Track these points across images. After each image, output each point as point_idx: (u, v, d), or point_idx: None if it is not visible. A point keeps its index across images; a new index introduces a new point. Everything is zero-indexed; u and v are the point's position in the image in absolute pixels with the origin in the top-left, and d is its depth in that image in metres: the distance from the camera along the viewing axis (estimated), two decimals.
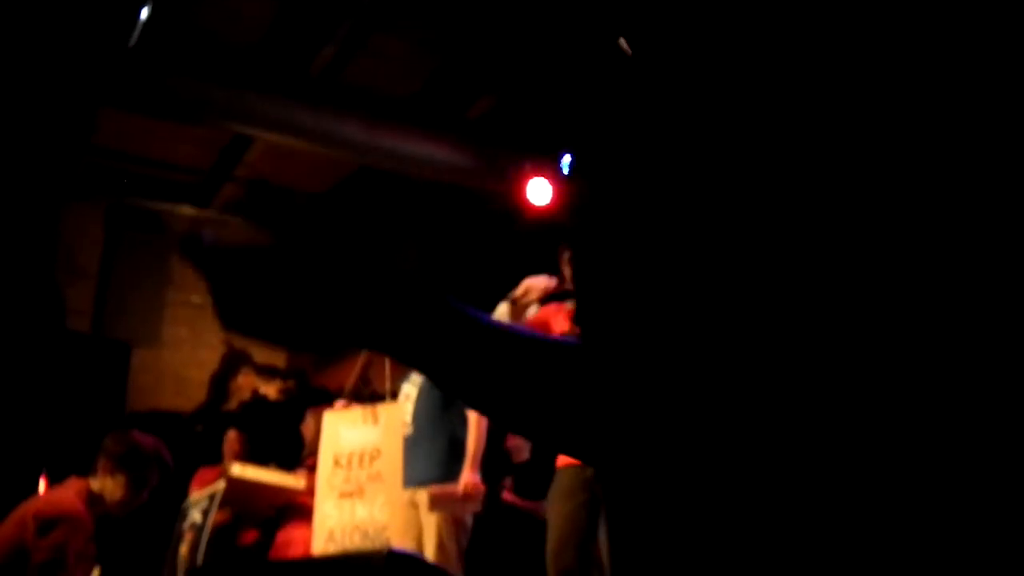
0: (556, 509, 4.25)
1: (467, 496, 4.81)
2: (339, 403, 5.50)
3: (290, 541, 5.71)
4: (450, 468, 4.89)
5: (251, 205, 9.58)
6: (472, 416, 4.90)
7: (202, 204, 9.74)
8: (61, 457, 4.63)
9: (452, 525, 4.82)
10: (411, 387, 5.20)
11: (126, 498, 4.02)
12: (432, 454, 4.97)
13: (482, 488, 4.86)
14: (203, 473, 6.71)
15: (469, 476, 4.81)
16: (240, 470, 5.76)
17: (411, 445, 5.00)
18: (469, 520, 4.95)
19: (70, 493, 3.92)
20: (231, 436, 6.98)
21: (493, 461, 5.46)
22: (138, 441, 4.15)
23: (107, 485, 3.97)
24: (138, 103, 6.85)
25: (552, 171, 6.83)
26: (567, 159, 6.64)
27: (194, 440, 7.13)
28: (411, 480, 4.93)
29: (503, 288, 4.82)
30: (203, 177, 9.40)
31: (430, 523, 4.82)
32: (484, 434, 4.91)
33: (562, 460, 4.30)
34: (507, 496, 5.92)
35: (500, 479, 6.06)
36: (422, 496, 4.91)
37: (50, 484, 4.93)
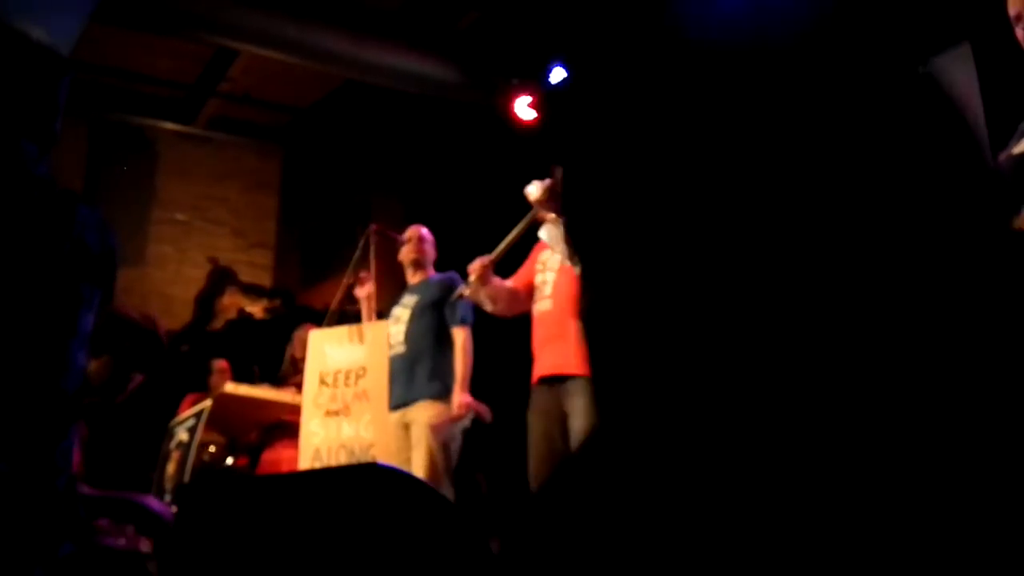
0: (534, 428, 4.29)
1: (461, 416, 4.87)
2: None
3: (278, 460, 5.72)
4: (446, 386, 4.94)
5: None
6: (459, 338, 4.97)
7: (186, 120, 9.61)
8: None
9: (444, 443, 4.87)
10: (403, 309, 5.19)
11: (113, 379, 3.30)
12: (429, 374, 5.00)
13: (473, 406, 4.93)
14: (191, 399, 6.68)
15: (462, 396, 4.87)
16: (233, 387, 5.75)
17: (405, 365, 5.02)
18: (460, 438, 4.99)
19: None
20: (220, 365, 6.88)
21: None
22: (123, 313, 3.49)
23: (92, 366, 3.29)
24: (120, 15, 6.69)
25: (538, 86, 6.71)
26: (555, 74, 6.53)
27: (180, 360, 7.09)
28: (405, 399, 4.95)
29: (491, 203, 4.75)
30: (187, 92, 9.26)
31: (422, 445, 4.85)
32: (471, 353, 4.99)
33: (533, 377, 4.34)
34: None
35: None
36: (415, 415, 4.92)
37: None
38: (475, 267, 4.46)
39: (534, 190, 4.26)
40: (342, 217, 9.39)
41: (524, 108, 6.76)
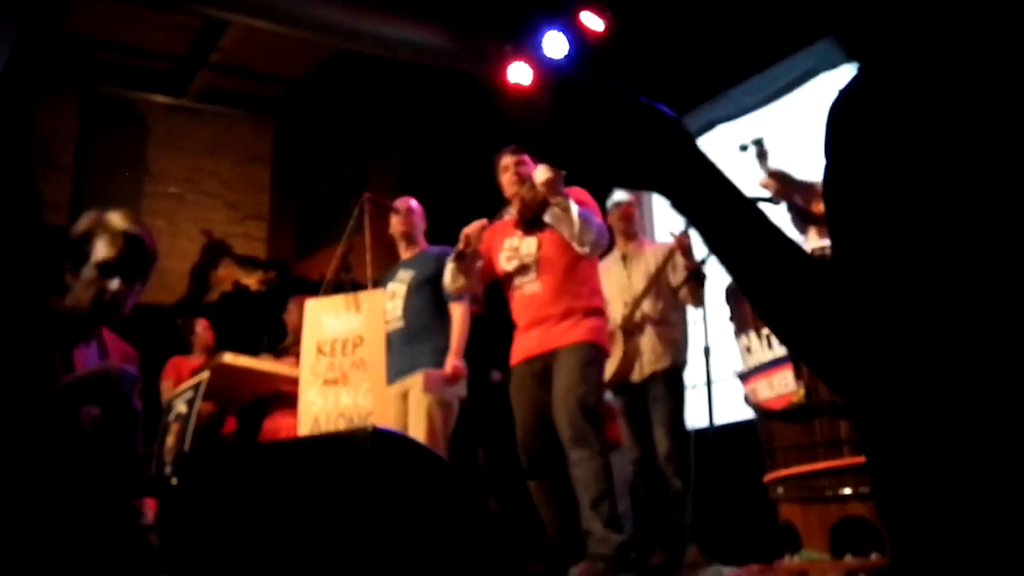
0: (519, 402, 4.35)
1: (453, 378, 4.91)
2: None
3: (277, 429, 5.73)
4: (440, 356, 4.98)
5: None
6: (456, 312, 5.02)
7: (177, 93, 9.56)
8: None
9: (440, 409, 4.92)
10: (398, 284, 5.21)
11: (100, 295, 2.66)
12: (426, 347, 5.03)
13: (464, 371, 4.97)
14: (175, 362, 6.69)
15: (455, 361, 4.93)
16: (232, 358, 5.74)
17: (402, 340, 5.06)
18: (456, 405, 5.03)
19: None
20: (202, 324, 6.94)
21: (480, 349, 5.56)
22: None
23: (76, 288, 2.75)
24: None
25: (532, 53, 6.67)
26: (548, 39, 6.49)
27: (175, 333, 7.07)
28: (403, 371, 4.99)
29: (486, 170, 4.74)
30: (177, 64, 9.20)
31: (419, 409, 4.91)
32: (468, 326, 5.03)
33: (514, 358, 4.37)
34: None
35: (488, 366, 6.14)
36: (412, 383, 4.96)
37: None
38: (474, 228, 4.44)
39: (542, 173, 4.23)
40: (336, 187, 9.38)
41: (517, 74, 6.73)
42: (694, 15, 6.12)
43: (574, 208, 4.18)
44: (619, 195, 5.24)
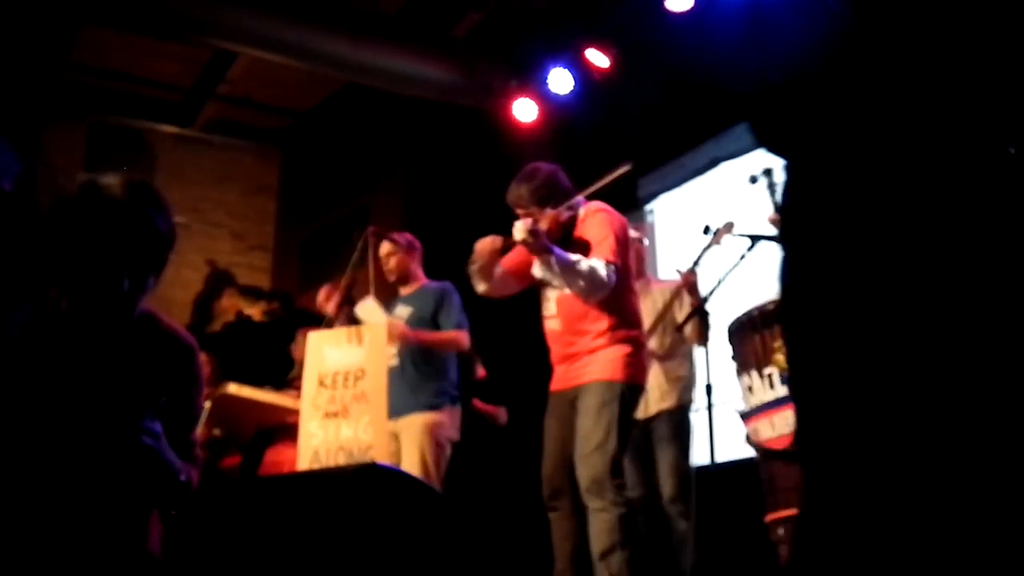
0: (548, 432, 4.25)
1: (394, 333, 5.03)
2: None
3: (279, 462, 5.71)
4: (439, 400, 5.06)
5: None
6: (450, 334, 5.13)
7: (185, 123, 9.61)
8: None
9: (432, 450, 4.94)
10: (403, 308, 5.23)
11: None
12: (422, 392, 5.10)
13: (399, 329, 5.07)
14: None
15: (406, 330, 5.07)
16: (236, 388, 5.73)
17: (399, 379, 5.06)
18: (448, 447, 5.07)
19: None
20: (201, 359, 6.94)
21: (464, 383, 5.56)
22: None
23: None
24: (117, 18, 6.70)
25: (537, 88, 6.71)
26: (553, 75, 6.54)
27: None
28: (398, 413, 4.98)
29: (490, 206, 4.74)
30: (185, 95, 9.27)
31: (412, 450, 4.94)
32: (452, 346, 5.17)
33: (553, 386, 4.29)
34: (475, 403, 6.08)
35: (469, 398, 6.11)
36: (404, 426, 5.01)
37: None
38: (485, 244, 4.32)
39: (518, 232, 4.06)
40: (341, 220, 9.40)
41: (522, 111, 6.77)
42: (700, 52, 6.15)
43: (555, 264, 4.02)
44: (631, 232, 5.12)
